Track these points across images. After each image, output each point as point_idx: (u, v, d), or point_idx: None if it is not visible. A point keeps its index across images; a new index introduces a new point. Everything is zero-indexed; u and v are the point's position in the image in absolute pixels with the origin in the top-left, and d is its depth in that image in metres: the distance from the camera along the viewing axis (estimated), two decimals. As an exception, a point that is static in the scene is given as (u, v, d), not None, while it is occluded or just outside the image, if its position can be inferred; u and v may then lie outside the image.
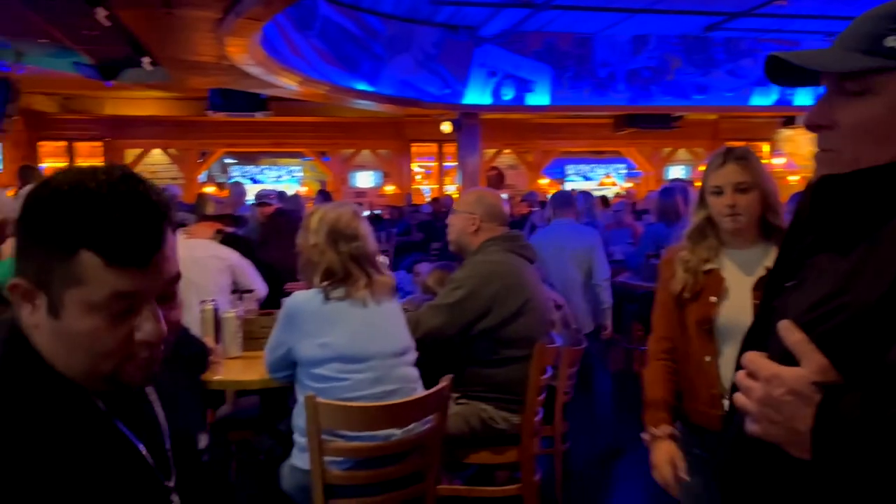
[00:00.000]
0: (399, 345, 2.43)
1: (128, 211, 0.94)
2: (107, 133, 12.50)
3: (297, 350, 2.31)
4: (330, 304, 2.31)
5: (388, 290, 2.43)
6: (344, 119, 12.94)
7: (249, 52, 6.58)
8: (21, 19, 6.07)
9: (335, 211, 2.40)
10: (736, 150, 1.98)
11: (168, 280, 1.04)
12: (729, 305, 1.91)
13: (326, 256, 2.34)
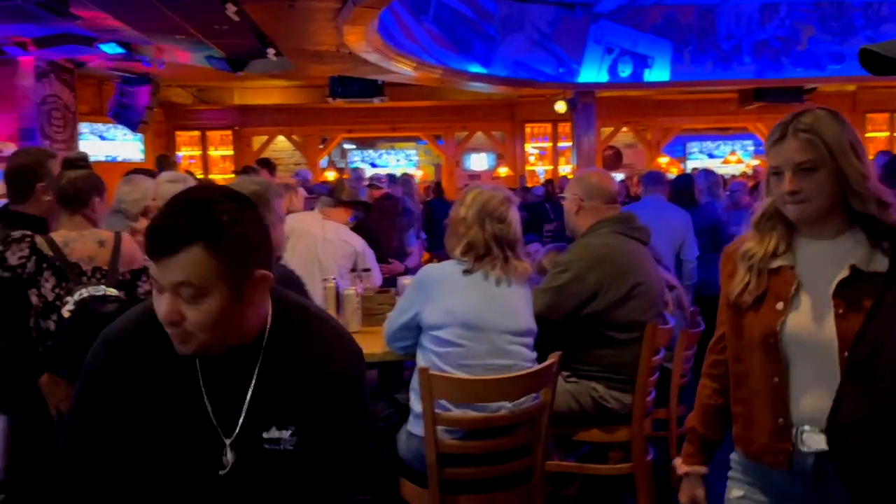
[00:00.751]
0: (520, 325, 2.51)
1: (162, 217, 1.25)
2: (236, 122, 13.22)
3: (423, 314, 2.45)
4: (463, 276, 2.44)
5: (522, 275, 2.52)
6: (457, 102, 13.06)
7: (367, 40, 6.79)
8: (160, 17, 6.54)
9: (489, 193, 2.54)
10: (801, 117, 1.53)
11: (173, 283, 1.23)
12: (802, 313, 1.54)
13: (472, 232, 2.47)
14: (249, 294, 1.27)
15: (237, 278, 1.24)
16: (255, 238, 1.28)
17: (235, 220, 1.24)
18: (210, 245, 1.20)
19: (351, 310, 3.00)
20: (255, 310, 1.32)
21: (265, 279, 1.29)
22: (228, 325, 1.27)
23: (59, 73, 9.99)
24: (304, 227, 4.10)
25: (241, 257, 1.25)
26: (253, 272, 1.27)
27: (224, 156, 13.38)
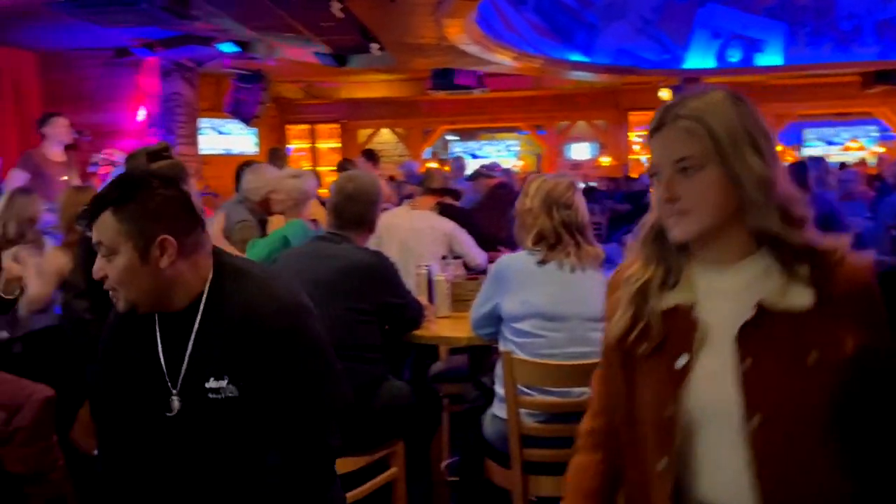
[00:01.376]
0: (595, 311, 2.50)
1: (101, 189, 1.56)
2: (343, 115, 13.67)
3: (501, 306, 2.50)
4: (537, 266, 2.47)
5: (594, 259, 2.52)
6: (559, 91, 12.96)
7: (466, 32, 6.88)
8: (270, 15, 6.89)
9: (553, 180, 2.56)
10: (687, 100, 1.18)
11: (95, 244, 1.52)
12: (705, 370, 1.15)
13: (539, 221, 2.50)
14: (156, 256, 1.50)
15: (140, 240, 1.49)
16: (160, 209, 1.52)
17: (142, 191, 1.51)
18: (115, 210, 1.49)
19: (441, 296, 3.11)
20: (179, 271, 1.54)
21: (169, 243, 1.50)
22: (142, 282, 1.51)
23: (183, 72, 10.67)
24: (392, 222, 4.24)
25: (143, 223, 1.49)
26: (156, 236, 1.50)
27: (332, 148, 13.86)
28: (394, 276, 2.75)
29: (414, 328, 2.88)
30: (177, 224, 1.53)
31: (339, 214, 2.75)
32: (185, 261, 1.54)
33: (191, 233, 1.56)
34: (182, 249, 1.53)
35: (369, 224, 2.81)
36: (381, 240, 4.23)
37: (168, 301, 1.56)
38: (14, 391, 2.37)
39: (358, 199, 2.75)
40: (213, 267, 1.60)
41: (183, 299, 1.56)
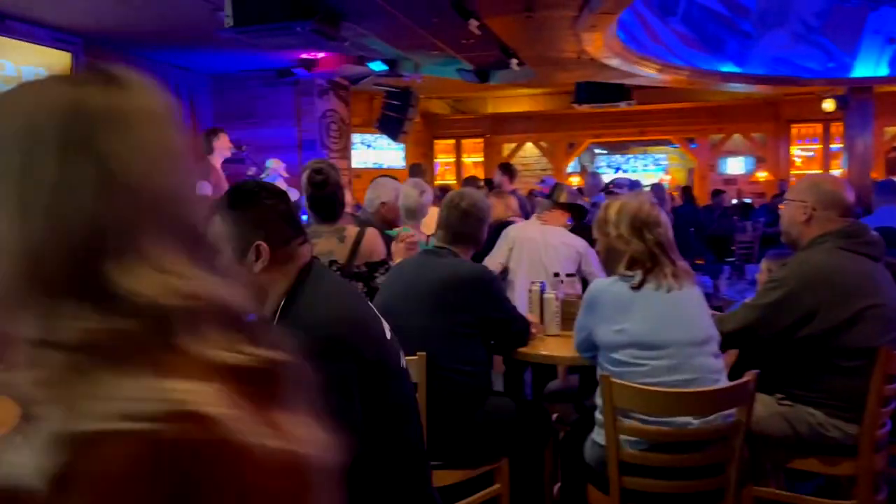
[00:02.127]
0: (699, 334, 2.38)
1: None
2: (488, 130, 13.86)
3: (596, 334, 2.43)
4: (630, 291, 2.37)
5: (689, 276, 2.40)
6: (713, 103, 12.39)
7: (606, 45, 6.77)
8: (414, 35, 7.16)
9: (634, 201, 2.46)
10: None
11: None
12: None
13: (632, 245, 2.40)
14: (251, 260, 1.63)
15: (239, 243, 1.64)
16: (261, 218, 1.66)
17: (248, 200, 1.67)
18: (224, 214, 1.66)
19: (550, 314, 3.08)
20: (271, 278, 1.66)
21: (263, 250, 1.63)
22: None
23: (337, 91, 11.30)
24: (525, 235, 4.25)
25: (244, 228, 1.64)
26: (253, 242, 1.63)
27: (476, 162, 14.08)
28: (497, 291, 2.76)
29: (521, 345, 2.87)
30: (274, 234, 1.66)
31: (448, 229, 2.81)
32: (277, 269, 1.66)
33: (287, 244, 1.68)
34: (275, 257, 1.65)
35: (476, 240, 2.86)
36: (512, 251, 4.26)
37: (262, 300, 1.68)
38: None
39: (467, 216, 2.80)
40: (298, 276, 1.69)
41: (272, 304, 1.68)
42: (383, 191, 4.03)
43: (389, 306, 2.70)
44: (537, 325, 3.02)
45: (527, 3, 5.58)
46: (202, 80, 10.76)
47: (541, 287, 3.22)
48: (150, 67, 9.62)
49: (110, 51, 8.87)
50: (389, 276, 2.85)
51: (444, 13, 6.03)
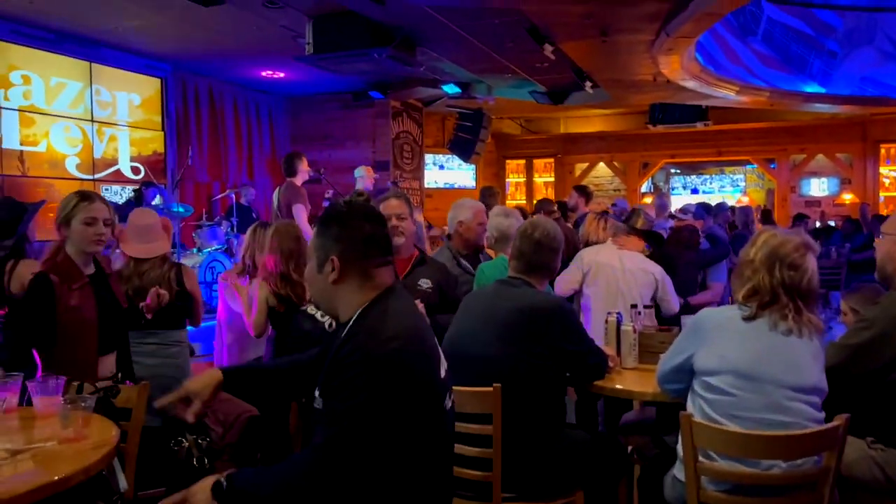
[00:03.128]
0: (805, 381, 2.26)
1: None
2: (559, 150, 13.79)
3: (696, 358, 2.36)
4: (743, 322, 2.30)
5: (812, 328, 2.29)
6: (794, 122, 11.99)
7: (683, 68, 6.67)
8: (488, 59, 7.23)
9: (783, 236, 2.37)
10: None
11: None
12: None
13: (758, 276, 2.33)
14: (327, 271, 1.75)
15: (321, 254, 1.78)
16: (341, 235, 1.77)
17: (335, 218, 1.80)
18: (317, 227, 1.82)
19: (627, 346, 3.02)
20: (340, 291, 1.77)
21: (335, 264, 1.75)
22: (317, 287, 1.82)
23: (410, 112, 11.50)
24: (602, 261, 4.21)
25: (326, 241, 1.77)
26: (329, 255, 1.75)
27: (547, 182, 14.03)
28: (572, 322, 2.73)
29: (597, 378, 2.83)
30: (349, 251, 1.77)
31: (521, 259, 2.81)
32: (350, 283, 1.77)
33: (361, 262, 1.78)
34: (347, 272, 1.76)
35: (550, 270, 2.84)
36: (587, 276, 4.23)
37: (335, 311, 1.83)
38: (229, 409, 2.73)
39: (541, 246, 2.80)
40: (376, 297, 1.76)
41: (344, 317, 1.79)
42: (460, 210, 4.07)
43: (463, 335, 2.72)
44: (614, 358, 2.96)
45: (602, 27, 5.57)
46: (281, 103, 11.12)
47: (617, 318, 3.17)
48: (233, 91, 10.01)
49: (197, 75, 9.30)
50: (463, 304, 2.87)
51: (518, 38, 6.08)
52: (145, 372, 3.22)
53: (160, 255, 3.29)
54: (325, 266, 1.78)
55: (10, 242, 3.26)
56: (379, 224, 1.85)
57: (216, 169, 9.59)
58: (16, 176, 7.10)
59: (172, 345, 3.34)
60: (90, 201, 2.79)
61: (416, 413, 1.66)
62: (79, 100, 7.75)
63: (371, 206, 1.96)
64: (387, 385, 1.62)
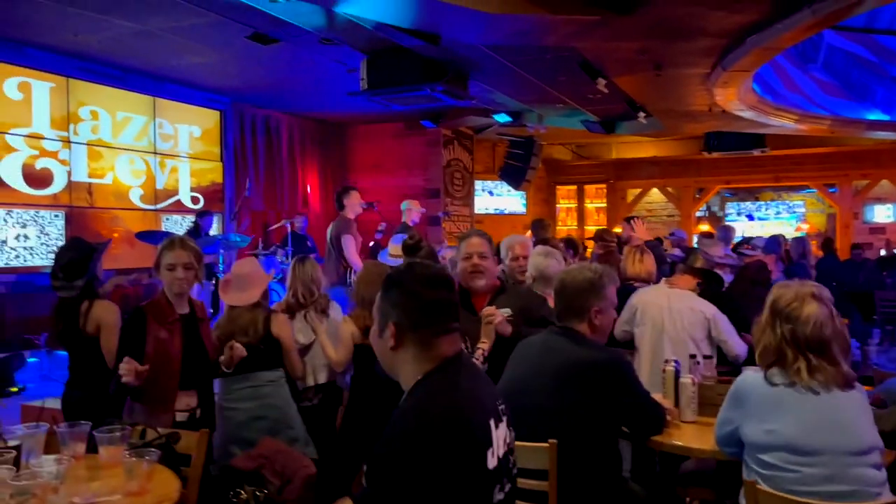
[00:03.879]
0: (858, 443, 2.17)
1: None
2: (611, 175, 13.67)
3: (743, 430, 2.29)
4: (774, 388, 2.21)
5: (839, 379, 2.19)
6: (855, 147, 11.63)
7: (740, 99, 6.56)
8: (540, 91, 7.24)
9: (784, 287, 2.27)
10: None
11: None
12: None
13: (765, 335, 2.26)
14: (386, 336, 1.74)
15: (382, 319, 1.76)
16: (401, 301, 1.74)
17: (398, 283, 1.77)
18: (382, 291, 1.79)
19: (686, 399, 2.93)
20: (398, 358, 1.74)
21: (392, 331, 1.72)
22: (379, 351, 1.78)
23: (461, 140, 11.57)
24: (649, 300, 4.13)
25: (387, 306, 1.75)
26: (389, 320, 1.73)
27: (598, 207, 13.90)
28: (626, 375, 2.65)
29: (654, 432, 2.76)
30: (408, 318, 1.73)
31: (556, 306, 2.77)
32: (407, 351, 1.72)
33: (421, 330, 1.71)
34: (404, 340, 1.72)
35: (585, 310, 2.67)
36: (637, 316, 4.16)
37: (397, 377, 1.78)
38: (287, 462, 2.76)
39: (564, 290, 2.71)
40: (430, 371, 1.69)
41: (405, 384, 1.74)
42: (501, 246, 4.18)
43: (515, 385, 2.67)
44: (672, 411, 2.88)
45: (656, 62, 5.53)
46: (337, 132, 11.32)
47: (675, 368, 3.10)
48: (289, 122, 10.24)
49: (255, 107, 9.55)
50: (514, 356, 2.83)
51: (571, 72, 6.07)
52: (244, 416, 3.36)
53: (251, 303, 3.40)
54: (385, 331, 1.75)
55: (81, 283, 3.38)
56: (442, 289, 1.77)
57: (271, 198, 9.79)
58: (84, 207, 7.38)
59: (265, 385, 3.42)
60: (171, 248, 2.97)
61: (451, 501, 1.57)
62: (143, 133, 8.03)
63: (435, 270, 1.84)
64: (421, 472, 1.53)
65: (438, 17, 4.71)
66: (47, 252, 6.95)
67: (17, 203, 6.72)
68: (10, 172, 6.65)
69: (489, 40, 5.28)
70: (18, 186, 6.73)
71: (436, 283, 1.77)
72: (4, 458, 1.98)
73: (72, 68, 7.09)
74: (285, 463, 2.68)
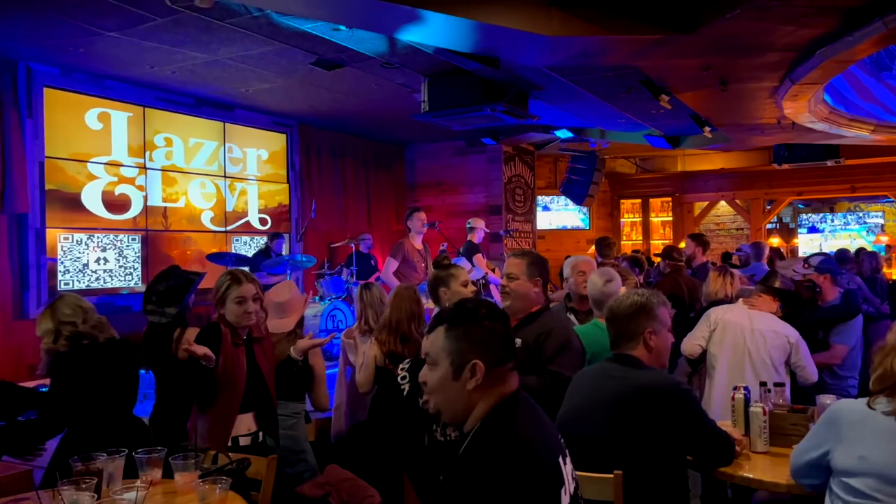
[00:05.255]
0: None
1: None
2: (677, 188, 13.39)
3: (833, 455, 2.20)
4: (875, 414, 2.13)
5: None
6: (939, 155, 11.10)
7: (811, 111, 6.37)
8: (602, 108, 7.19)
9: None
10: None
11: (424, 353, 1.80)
12: None
13: (887, 360, 2.14)
14: (466, 377, 1.65)
15: (457, 359, 1.65)
16: (481, 337, 1.67)
17: (471, 318, 1.68)
18: (447, 329, 1.68)
19: (756, 428, 2.84)
20: (474, 398, 1.66)
21: (479, 368, 1.64)
22: (449, 395, 1.67)
23: (523, 156, 11.56)
24: (730, 319, 4.04)
25: (464, 345, 1.65)
26: (470, 360, 1.64)
27: (664, 221, 13.65)
28: (688, 403, 2.58)
29: (723, 463, 2.68)
30: (490, 354, 1.68)
31: (610, 333, 2.75)
32: (485, 389, 1.67)
33: (499, 366, 1.69)
34: (487, 377, 1.66)
35: (641, 335, 2.63)
36: (715, 335, 4.06)
37: (463, 418, 1.70)
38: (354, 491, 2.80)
39: (615, 318, 2.67)
40: (500, 402, 1.67)
41: (472, 423, 1.68)
42: (567, 267, 4.17)
43: (572, 415, 2.63)
44: (741, 441, 2.80)
45: (721, 77, 5.42)
46: (398, 152, 11.48)
47: (745, 395, 3.01)
48: (352, 143, 10.44)
49: (320, 129, 9.77)
50: (571, 385, 2.77)
51: (633, 89, 6.02)
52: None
53: (286, 331, 3.46)
54: (463, 372, 1.66)
55: (174, 311, 3.54)
56: (507, 322, 1.76)
57: (336, 218, 9.98)
58: (160, 230, 7.68)
59: (292, 416, 3.49)
60: (239, 283, 3.03)
61: None
62: (213, 157, 8.33)
63: (493, 304, 1.85)
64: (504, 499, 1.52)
65: (498, 41, 4.74)
66: (125, 274, 7.27)
67: (98, 227, 7.06)
68: (91, 199, 6.99)
69: (549, 62, 5.29)
70: (99, 212, 7.06)
71: (501, 317, 1.75)
72: (88, 485, 2.08)
73: (148, 98, 7.42)
74: (352, 491, 2.72)
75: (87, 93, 6.93)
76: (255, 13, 4.85)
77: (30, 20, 5.15)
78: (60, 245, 6.75)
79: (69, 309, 2.89)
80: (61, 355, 2.86)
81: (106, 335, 2.97)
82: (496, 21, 4.30)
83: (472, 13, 4.23)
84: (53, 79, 6.59)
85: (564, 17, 4.35)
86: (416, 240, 7.16)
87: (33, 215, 6.47)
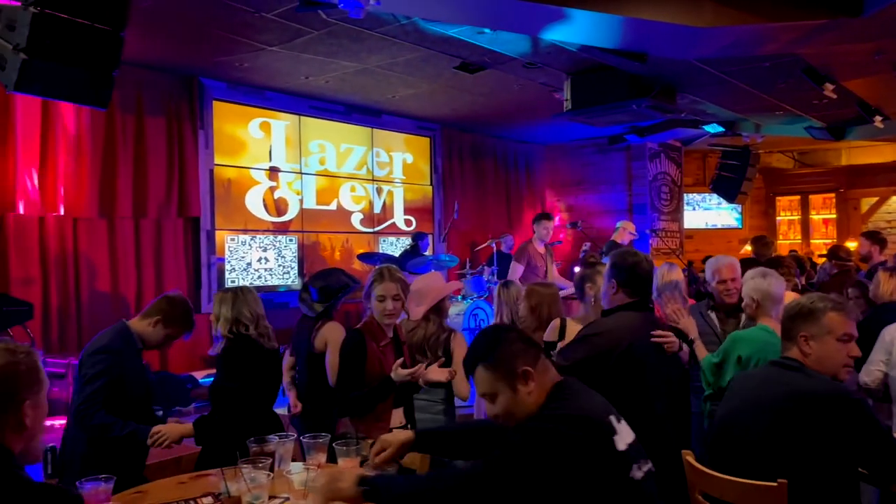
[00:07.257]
0: None
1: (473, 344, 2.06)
2: (841, 184, 12.43)
3: None
4: None
5: None
6: None
7: None
8: (757, 100, 6.83)
9: None
10: None
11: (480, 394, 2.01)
12: None
13: None
14: (521, 386, 1.87)
15: (510, 379, 1.87)
16: (515, 349, 1.90)
17: (501, 343, 1.91)
18: (485, 366, 1.91)
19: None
20: (533, 394, 1.88)
21: (529, 373, 1.87)
22: (518, 408, 1.88)
23: (669, 152, 11.18)
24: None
25: (508, 365, 1.87)
26: (518, 371, 1.87)
27: (826, 219, 12.71)
28: (860, 410, 2.37)
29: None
30: (526, 356, 1.91)
31: (782, 335, 2.58)
32: (537, 383, 1.91)
33: (537, 360, 1.94)
34: (537, 374, 1.91)
35: (795, 339, 2.46)
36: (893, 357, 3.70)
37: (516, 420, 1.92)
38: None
39: (788, 314, 2.50)
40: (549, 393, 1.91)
41: (529, 413, 1.90)
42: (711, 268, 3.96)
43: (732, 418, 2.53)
44: None
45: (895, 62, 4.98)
46: (538, 151, 11.47)
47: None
48: (493, 144, 10.55)
49: (461, 132, 9.96)
50: (729, 388, 2.68)
51: (792, 79, 5.67)
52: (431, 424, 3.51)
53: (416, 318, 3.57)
54: (517, 385, 1.88)
55: (321, 308, 3.76)
56: (514, 328, 2.06)
57: (478, 218, 10.12)
58: (314, 232, 8.14)
59: (439, 402, 3.58)
60: (381, 280, 3.09)
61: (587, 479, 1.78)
62: (362, 162, 8.71)
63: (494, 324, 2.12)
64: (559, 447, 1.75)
65: (645, 36, 4.63)
66: (283, 273, 7.76)
67: (259, 230, 7.59)
68: (254, 202, 7.53)
69: (700, 54, 5.10)
70: (261, 215, 7.59)
71: (508, 326, 2.09)
72: (264, 464, 2.26)
73: (303, 107, 7.89)
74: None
75: (250, 104, 7.47)
76: (403, 21, 5.03)
77: (203, 41, 5.63)
78: (227, 246, 7.32)
79: (249, 313, 3.13)
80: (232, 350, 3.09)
81: (269, 345, 3.16)
82: (644, 15, 4.20)
83: (618, 8, 4.17)
84: (221, 92, 7.16)
85: (717, 7, 4.17)
86: (538, 244, 7.26)
87: (205, 218, 7.06)
